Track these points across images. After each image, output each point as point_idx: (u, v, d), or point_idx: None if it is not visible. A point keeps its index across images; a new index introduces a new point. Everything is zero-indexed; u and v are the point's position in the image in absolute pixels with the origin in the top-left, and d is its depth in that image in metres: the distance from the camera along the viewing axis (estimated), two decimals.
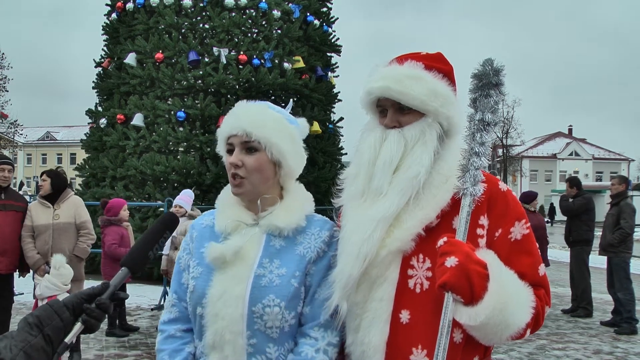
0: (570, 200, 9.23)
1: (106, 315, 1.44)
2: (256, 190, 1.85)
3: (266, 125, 1.82)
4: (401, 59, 1.87)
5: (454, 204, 1.73)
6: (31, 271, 6.18)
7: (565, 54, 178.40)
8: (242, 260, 1.80)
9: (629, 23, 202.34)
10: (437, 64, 1.85)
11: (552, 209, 42.74)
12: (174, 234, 6.18)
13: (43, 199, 6.07)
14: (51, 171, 6.32)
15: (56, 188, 6.09)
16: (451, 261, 1.58)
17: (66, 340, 1.36)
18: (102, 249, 6.94)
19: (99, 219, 7.21)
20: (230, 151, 1.86)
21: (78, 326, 1.38)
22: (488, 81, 1.73)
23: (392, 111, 1.83)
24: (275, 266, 1.80)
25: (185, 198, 7.38)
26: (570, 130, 75.00)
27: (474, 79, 1.75)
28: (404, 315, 1.73)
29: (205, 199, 11.35)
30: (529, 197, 9.34)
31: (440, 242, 1.65)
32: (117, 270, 6.39)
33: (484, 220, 1.75)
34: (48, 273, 5.37)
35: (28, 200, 7.46)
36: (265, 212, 1.86)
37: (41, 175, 6.21)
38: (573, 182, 9.49)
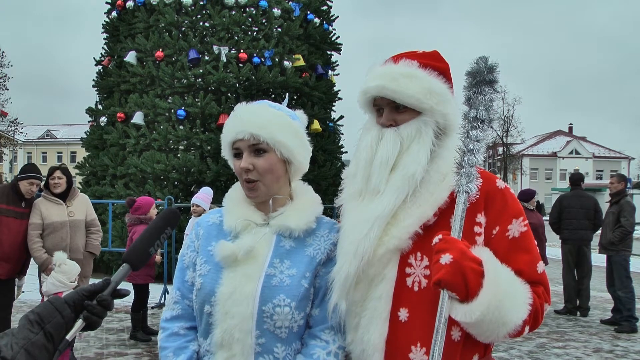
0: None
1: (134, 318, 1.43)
2: (270, 191, 1.85)
3: (271, 125, 1.82)
4: (396, 58, 1.87)
5: (452, 202, 1.73)
6: (35, 270, 6.17)
7: (564, 55, 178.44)
8: (253, 259, 1.79)
9: (625, 26, 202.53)
10: (433, 62, 1.85)
11: (540, 206, 42.64)
12: None
13: (55, 196, 6.04)
14: (65, 168, 6.26)
15: (69, 185, 6.12)
16: (446, 258, 1.58)
17: (67, 337, 1.36)
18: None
19: (126, 217, 7.17)
20: (237, 155, 1.86)
21: (79, 323, 1.38)
22: (482, 79, 1.72)
23: (388, 110, 1.84)
24: (285, 266, 1.80)
25: (202, 196, 7.20)
26: (570, 129, 74.97)
27: (468, 77, 1.74)
28: (403, 314, 1.74)
29: None
30: (527, 195, 9.34)
31: (436, 239, 1.65)
32: (144, 270, 6.37)
33: (481, 218, 1.75)
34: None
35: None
36: (276, 212, 1.86)
37: (53, 172, 6.10)
38: (570, 178, 9.58)
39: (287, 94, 2.26)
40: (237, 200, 1.92)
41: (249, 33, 12.73)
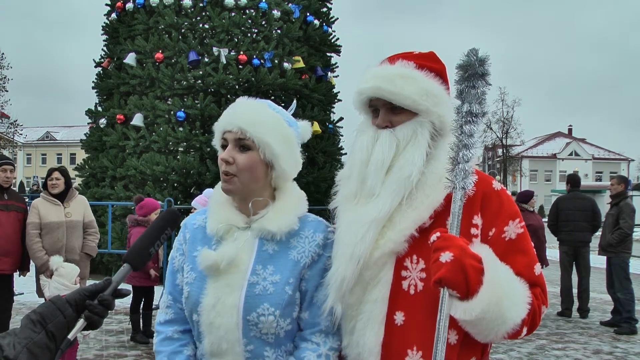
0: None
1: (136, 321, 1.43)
2: (246, 189, 1.81)
3: (262, 124, 1.78)
4: (392, 59, 1.86)
5: (448, 204, 1.71)
6: (33, 270, 6.18)
7: (563, 57, 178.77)
8: (235, 267, 1.77)
9: (623, 28, 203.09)
10: (429, 63, 1.84)
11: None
12: None
13: (53, 196, 6.07)
14: (63, 170, 6.29)
15: (67, 186, 6.14)
16: (446, 256, 1.56)
17: (69, 336, 1.36)
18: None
19: (128, 218, 7.16)
20: (224, 146, 1.83)
21: (81, 322, 1.38)
22: (474, 72, 1.68)
23: (384, 111, 1.83)
24: (268, 272, 1.78)
25: (200, 200, 7.07)
26: (570, 130, 75.03)
27: (459, 70, 1.70)
28: (399, 317, 1.73)
29: None
30: (526, 196, 9.31)
31: (433, 237, 1.63)
32: (142, 272, 6.33)
33: (477, 220, 1.74)
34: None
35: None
36: (257, 215, 1.83)
37: (51, 173, 6.15)
38: (568, 178, 9.57)
39: (295, 100, 2.22)
40: (219, 202, 1.88)
41: (249, 35, 12.74)
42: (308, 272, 1.81)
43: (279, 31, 12.74)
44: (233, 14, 12.45)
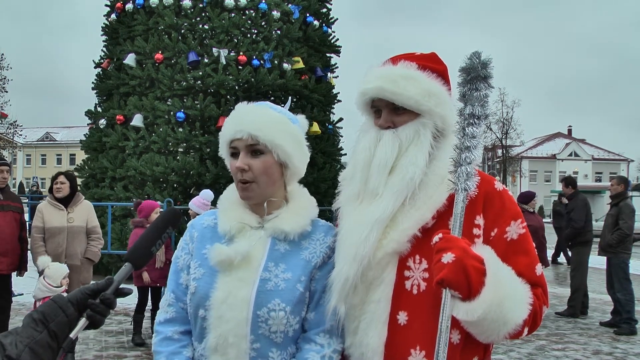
0: (565, 201, 9.29)
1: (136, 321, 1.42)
2: (264, 193, 1.83)
3: (270, 127, 1.80)
4: (395, 60, 1.87)
5: (450, 205, 1.71)
6: (32, 271, 6.19)
7: (562, 58, 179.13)
8: (248, 263, 1.78)
9: (619, 32, 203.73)
10: (431, 64, 1.85)
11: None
12: None
13: (57, 201, 6.07)
14: (69, 174, 6.32)
15: (73, 191, 6.13)
16: (448, 257, 1.57)
17: (71, 335, 1.36)
18: None
19: (130, 221, 7.17)
20: (234, 154, 1.84)
21: (83, 321, 1.38)
22: (476, 74, 1.68)
23: (387, 112, 1.83)
24: (280, 270, 1.79)
25: (197, 201, 7.03)
26: (569, 131, 75.03)
27: (462, 73, 1.71)
28: (402, 317, 1.73)
29: None
30: (527, 197, 9.31)
31: (436, 238, 1.64)
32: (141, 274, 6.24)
33: (479, 220, 1.75)
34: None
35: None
36: (271, 215, 1.85)
37: (57, 177, 6.17)
38: (568, 181, 9.58)
39: (290, 97, 2.25)
40: (232, 202, 1.90)
41: (249, 35, 12.74)
42: (318, 273, 1.82)
43: (278, 32, 12.74)
44: (233, 14, 12.45)
